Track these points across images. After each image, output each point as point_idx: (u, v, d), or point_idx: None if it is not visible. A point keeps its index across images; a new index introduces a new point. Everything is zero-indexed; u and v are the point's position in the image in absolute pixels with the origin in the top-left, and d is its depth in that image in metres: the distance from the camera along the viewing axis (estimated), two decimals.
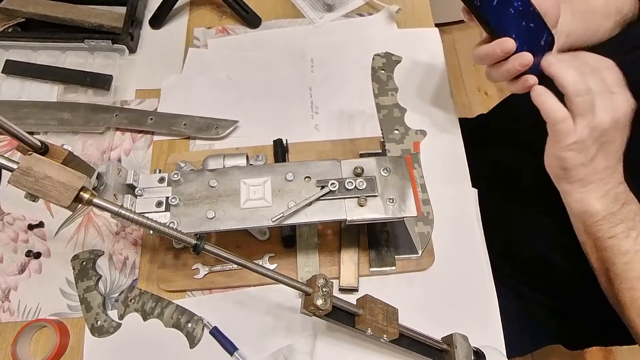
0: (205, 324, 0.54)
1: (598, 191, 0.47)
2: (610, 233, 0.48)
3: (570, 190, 0.49)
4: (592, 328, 0.68)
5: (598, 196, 0.47)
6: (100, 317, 0.55)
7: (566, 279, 0.62)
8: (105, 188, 0.45)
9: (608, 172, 0.47)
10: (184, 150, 0.66)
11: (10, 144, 0.67)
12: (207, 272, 0.56)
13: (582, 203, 0.48)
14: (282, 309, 0.55)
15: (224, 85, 0.71)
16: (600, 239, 0.48)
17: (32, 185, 0.35)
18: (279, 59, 0.73)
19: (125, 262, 0.59)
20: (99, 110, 0.67)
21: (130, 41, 0.72)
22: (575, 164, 0.46)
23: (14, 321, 0.56)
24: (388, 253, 0.56)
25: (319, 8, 0.77)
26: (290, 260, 0.57)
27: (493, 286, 0.56)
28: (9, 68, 0.71)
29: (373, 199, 0.46)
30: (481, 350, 0.47)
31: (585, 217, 0.49)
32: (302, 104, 0.69)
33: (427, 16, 0.77)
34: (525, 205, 0.65)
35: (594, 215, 0.48)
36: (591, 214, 0.48)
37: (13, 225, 0.61)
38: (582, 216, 0.49)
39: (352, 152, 0.63)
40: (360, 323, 0.41)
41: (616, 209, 0.47)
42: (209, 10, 0.79)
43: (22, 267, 0.59)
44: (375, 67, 0.59)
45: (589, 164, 0.46)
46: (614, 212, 0.47)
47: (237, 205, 0.47)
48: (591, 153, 0.46)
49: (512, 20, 0.47)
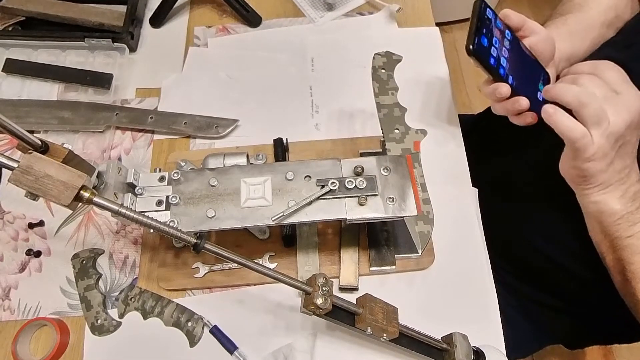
0: (205, 323, 0.54)
1: (616, 191, 0.47)
2: (628, 232, 0.47)
3: (589, 193, 0.48)
4: (592, 327, 0.68)
5: (617, 196, 0.47)
6: (100, 315, 0.55)
7: (566, 278, 0.62)
8: (106, 187, 0.45)
9: (625, 172, 0.47)
10: (184, 149, 0.66)
11: (10, 143, 0.67)
12: (207, 271, 0.56)
13: (600, 204, 0.48)
14: (282, 308, 0.55)
15: (224, 84, 0.71)
16: (618, 239, 0.48)
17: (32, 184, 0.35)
18: (279, 58, 0.73)
19: (126, 260, 0.59)
20: (100, 109, 0.67)
21: (130, 40, 0.72)
22: (594, 172, 0.46)
23: (15, 320, 0.56)
24: (388, 252, 0.56)
25: (319, 7, 0.77)
26: (290, 260, 0.57)
27: (493, 285, 0.56)
28: (10, 66, 0.71)
29: (373, 198, 0.46)
30: (481, 349, 0.47)
31: (603, 217, 0.48)
32: (303, 103, 0.69)
33: (428, 15, 0.77)
34: (525, 204, 0.65)
35: (612, 215, 0.48)
36: (609, 214, 0.48)
37: (13, 223, 0.61)
38: (600, 216, 0.49)
39: (353, 151, 0.63)
40: (360, 322, 0.41)
41: (634, 207, 0.47)
42: (210, 9, 0.79)
43: (22, 266, 0.59)
44: (375, 66, 0.59)
45: (607, 168, 0.46)
46: (632, 212, 0.47)
47: (238, 204, 0.47)
48: (610, 157, 0.45)
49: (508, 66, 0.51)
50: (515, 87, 0.50)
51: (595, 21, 0.58)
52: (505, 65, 0.51)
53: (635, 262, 0.47)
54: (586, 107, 0.43)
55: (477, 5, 0.50)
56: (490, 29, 0.50)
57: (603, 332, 0.68)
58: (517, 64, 0.52)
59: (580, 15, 0.59)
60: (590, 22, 0.58)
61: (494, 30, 0.51)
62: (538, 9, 1.80)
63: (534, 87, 0.53)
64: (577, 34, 0.57)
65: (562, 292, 0.65)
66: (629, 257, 0.48)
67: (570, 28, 0.57)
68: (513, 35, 0.53)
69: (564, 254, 0.60)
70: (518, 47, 0.53)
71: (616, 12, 0.59)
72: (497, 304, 0.55)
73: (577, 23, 0.58)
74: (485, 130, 0.75)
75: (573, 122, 0.44)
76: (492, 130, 0.70)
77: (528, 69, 0.53)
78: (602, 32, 0.59)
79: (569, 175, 0.49)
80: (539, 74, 0.54)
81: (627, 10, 0.60)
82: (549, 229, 0.61)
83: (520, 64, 0.52)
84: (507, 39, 0.52)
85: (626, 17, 0.60)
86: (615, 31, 0.60)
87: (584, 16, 0.59)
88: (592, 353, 1.25)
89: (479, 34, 0.49)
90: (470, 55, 0.49)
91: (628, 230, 0.47)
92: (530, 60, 0.54)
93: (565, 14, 0.60)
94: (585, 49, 0.58)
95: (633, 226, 0.47)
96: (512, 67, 0.51)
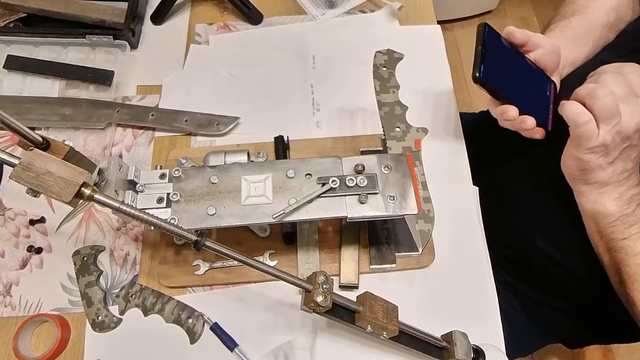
0: (206, 320, 0.54)
1: (613, 193, 0.47)
2: (624, 234, 0.47)
3: (586, 191, 0.49)
4: (592, 326, 0.68)
5: (613, 198, 0.47)
6: (101, 312, 0.55)
7: (566, 277, 0.62)
8: (107, 184, 0.45)
9: (624, 175, 0.47)
10: (185, 146, 0.66)
11: (11, 140, 0.67)
12: (207, 268, 0.56)
13: (596, 204, 0.48)
14: (283, 306, 0.55)
15: (225, 82, 0.71)
16: (614, 240, 0.48)
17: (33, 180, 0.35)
18: (280, 56, 0.73)
19: (126, 257, 0.59)
20: (101, 106, 0.67)
21: (131, 37, 0.72)
22: (595, 167, 0.46)
23: (16, 316, 0.56)
24: (388, 250, 0.56)
25: (320, 4, 0.77)
26: (290, 257, 0.57)
27: (493, 284, 0.56)
28: (11, 63, 0.71)
29: (374, 196, 0.46)
30: (481, 347, 0.47)
31: (598, 218, 0.49)
32: (304, 101, 0.69)
33: (429, 13, 0.77)
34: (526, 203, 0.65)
35: (608, 216, 0.48)
36: (605, 216, 0.48)
37: (15, 220, 0.61)
38: (596, 217, 0.49)
39: (353, 149, 0.63)
40: (360, 320, 0.41)
41: (630, 210, 0.47)
42: (211, 6, 0.79)
43: (23, 262, 0.59)
44: (377, 64, 0.59)
45: (608, 166, 0.46)
46: (628, 214, 0.47)
47: (238, 202, 0.47)
48: (612, 157, 0.45)
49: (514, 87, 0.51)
50: (522, 107, 0.51)
51: (598, 23, 0.58)
52: (511, 87, 0.51)
53: (631, 264, 0.47)
54: (598, 100, 0.43)
55: (481, 31, 0.50)
56: (495, 52, 0.50)
57: (603, 332, 0.68)
58: (523, 82, 0.52)
59: (584, 18, 0.59)
60: (593, 25, 0.58)
61: (498, 53, 0.51)
62: (541, 8, 1.80)
63: (542, 100, 0.53)
64: (581, 38, 0.57)
65: (562, 291, 0.65)
66: (625, 258, 0.48)
67: (574, 32, 0.57)
68: (517, 52, 0.53)
69: (564, 253, 0.60)
70: (523, 63, 0.53)
71: (618, 14, 0.59)
72: (497, 302, 0.55)
73: (581, 26, 0.58)
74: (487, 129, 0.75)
75: (581, 108, 0.44)
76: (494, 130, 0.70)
77: (534, 83, 0.54)
78: (604, 34, 0.59)
79: (569, 168, 0.49)
80: (545, 86, 0.54)
81: (629, 12, 0.60)
82: (549, 228, 0.61)
83: (526, 81, 0.53)
84: (512, 58, 0.52)
85: (627, 18, 0.60)
86: (616, 33, 0.59)
87: (587, 18, 0.59)
88: (592, 353, 1.25)
89: (485, 61, 0.49)
90: (476, 83, 0.49)
91: (624, 232, 0.47)
92: (537, 74, 0.54)
93: (569, 16, 0.60)
94: (588, 51, 0.58)
95: (629, 228, 0.47)
96: (518, 87, 0.51)
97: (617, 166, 0.46)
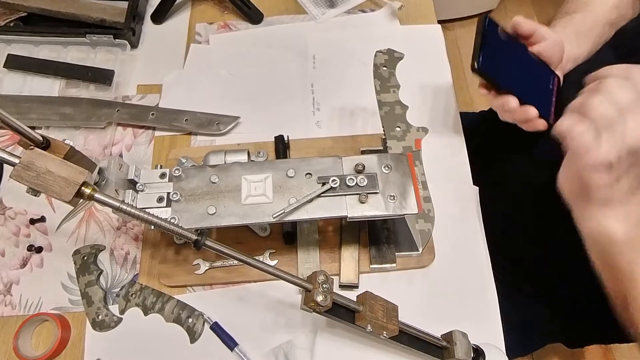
0: (206, 319, 0.54)
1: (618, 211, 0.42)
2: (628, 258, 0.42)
3: (587, 210, 0.43)
4: (592, 326, 0.68)
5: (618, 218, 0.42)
6: (101, 311, 0.55)
7: (566, 277, 0.62)
8: (107, 183, 0.45)
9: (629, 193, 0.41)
10: (185, 146, 0.66)
11: (12, 139, 0.67)
12: (207, 267, 0.56)
13: (599, 225, 0.43)
14: (283, 305, 0.55)
15: (225, 81, 0.71)
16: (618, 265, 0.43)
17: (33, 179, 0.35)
18: (280, 55, 0.73)
19: (127, 257, 0.59)
20: (101, 106, 0.67)
21: (132, 36, 0.72)
22: (597, 185, 0.40)
23: (16, 315, 0.56)
24: (388, 250, 0.56)
25: (321, 4, 0.77)
26: (290, 257, 0.57)
27: (493, 284, 0.56)
28: (11, 62, 0.71)
29: (374, 196, 0.46)
30: (481, 347, 0.47)
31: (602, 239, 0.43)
32: (304, 100, 0.69)
33: (430, 13, 0.76)
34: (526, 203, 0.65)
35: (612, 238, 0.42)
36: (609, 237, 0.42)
37: (15, 219, 0.62)
38: (599, 239, 0.44)
39: (354, 149, 0.63)
40: (360, 320, 0.41)
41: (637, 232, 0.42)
42: (211, 5, 0.79)
43: (23, 262, 0.59)
44: (377, 63, 0.59)
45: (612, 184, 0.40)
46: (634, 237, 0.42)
47: (238, 201, 0.47)
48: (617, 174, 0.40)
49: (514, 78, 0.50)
50: (523, 98, 0.50)
51: (600, 20, 0.58)
52: (512, 78, 0.50)
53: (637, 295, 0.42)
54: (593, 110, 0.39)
55: (481, 22, 0.50)
56: (495, 43, 0.50)
57: (603, 332, 0.68)
58: (524, 74, 0.51)
59: (586, 15, 0.58)
60: (595, 22, 0.58)
61: (498, 45, 0.50)
62: (541, 7, 1.79)
63: (544, 92, 0.52)
64: (583, 34, 0.57)
65: (562, 291, 0.65)
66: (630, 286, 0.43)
67: (576, 28, 0.57)
68: (520, 44, 0.52)
69: (565, 253, 0.60)
70: (525, 55, 0.52)
71: (619, 11, 0.59)
72: (497, 302, 0.55)
73: (583, 23, 0.58)
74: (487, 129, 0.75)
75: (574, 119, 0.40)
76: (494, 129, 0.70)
77: (536, 75, 0.53)
78: (605, 31, 0.58)
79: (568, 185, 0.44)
80: (548, 78, 0.53)
81: (630, 9, 0.60)
82: (549, 228, 0.61)
83: (528, 73, 0.52)
84: (513, 50, 0.51)
85: (628, 16, 0.60)
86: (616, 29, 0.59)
87: (589, 15, 0.58)
88: (592, 353, 1.25)
89: (484, 51, 0.48)
90: (475, 73, 0.48)
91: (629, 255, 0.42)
92: (539, 67, 0.53)
93: (572, 12, 0.59)
94: (590, 48, 0.58)
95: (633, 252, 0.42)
96: (519, 78, 0.51)
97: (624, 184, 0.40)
